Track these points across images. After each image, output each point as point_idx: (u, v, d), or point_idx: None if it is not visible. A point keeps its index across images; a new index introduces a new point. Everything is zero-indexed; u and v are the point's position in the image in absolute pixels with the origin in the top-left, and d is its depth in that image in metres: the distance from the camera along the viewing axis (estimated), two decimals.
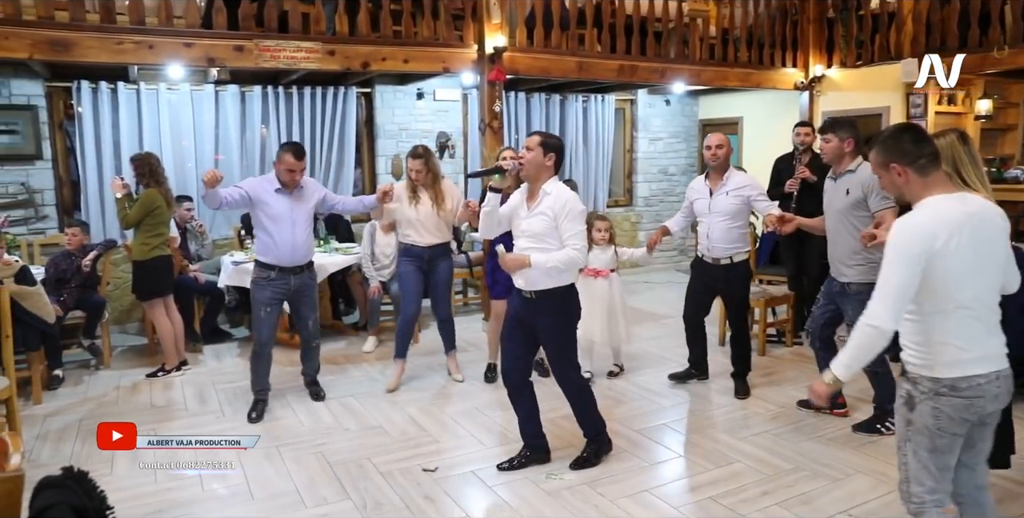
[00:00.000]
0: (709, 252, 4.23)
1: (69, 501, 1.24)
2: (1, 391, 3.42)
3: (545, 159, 3.11)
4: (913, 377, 2.09)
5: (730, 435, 3.75)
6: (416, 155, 4.39)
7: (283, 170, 3.88)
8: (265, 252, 3.96)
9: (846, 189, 3.54)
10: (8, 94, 5.62)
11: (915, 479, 2.08)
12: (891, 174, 2.07)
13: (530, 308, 3.18)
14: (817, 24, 7.24)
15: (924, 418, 2.04)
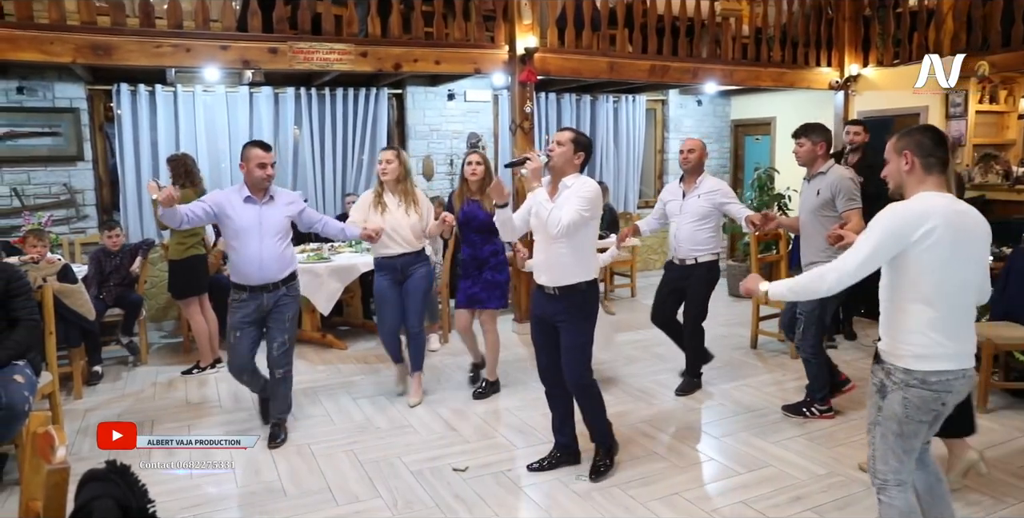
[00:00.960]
0: (676, 252, 4.35)
1: (113, 494, 1.28)
2: (44, 386, 3.51)
3: (575, 156, 3.11)
4: (887, 367, 2.20)
5: (762, 439, 3.71)
6: (388, 147, 4.20)
7: (254, 168, 3.49)
8: (234, 271, 3.59)
9: (817, 190, 3.74)
10: (52, 97, 5.77)
11: (881, 459, 2.23)
12: (900, 161, 2.21)
13: (553, 304, 3.17)
14: (853, 22, 7.11)
15: (893, 406, 2.17)
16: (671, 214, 4.37)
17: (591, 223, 3.11)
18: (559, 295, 3.15)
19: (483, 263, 4.24)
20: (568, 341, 3.20)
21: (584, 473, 3.28)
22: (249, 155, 3.51)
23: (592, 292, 3.21)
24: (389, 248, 4.06)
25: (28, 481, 1.55)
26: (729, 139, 8.88)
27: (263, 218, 3.53)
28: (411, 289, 4.14)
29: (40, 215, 5.59)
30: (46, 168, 5.81)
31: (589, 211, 3.02)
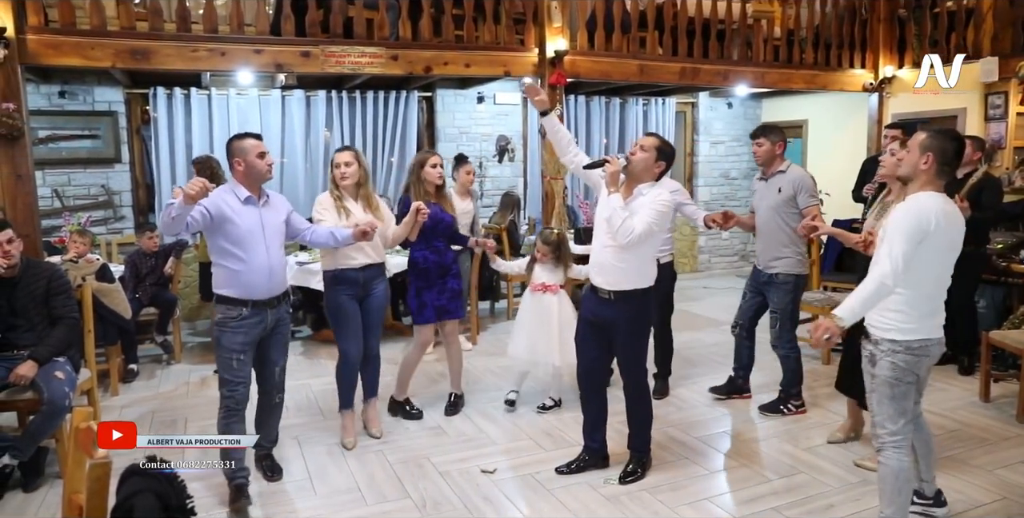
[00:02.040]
0: None
1: (153, 488, 1.31)
2: (83, 383, 3.59)
3: (655, 164, 3.08)
4: (875, 339, 2.56)
5: (794, 445, 3.66)
6: (342, 148, 3.74)
7: (254, 159, 2.98)
8: (231, 283, 2.97)
9: (778, 188, 3.91)
10: (92, 101, 5.91)
11: (879, 424, 2.58)
12: (921, 158, 2.48)
13: (607, 309, 3.14)
14: (888, 23, 7.00)
15: (884, 371, 2.53)
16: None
17: (658, 236, 3.10)
18: (614, 300, 3.12)
19: (446, 271, 3.95)
20: (622, 349, 3.20)
21: (613, 477, 3.26)
22: (244, 147, 2.99)
23: (648, 300, 3.18)
24: (354, 259, 3.56)
25: (71, 475, 1.59)
26: None
27: (265, 221, 3.04)
28: (374, 307, 3.68)
29: (79, 216, 5.72)
30: (85, 170, 5.95)
31: (659, 225, 3.02)
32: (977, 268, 4.86)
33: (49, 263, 3.75)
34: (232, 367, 3.00)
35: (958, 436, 3.75)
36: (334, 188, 3.63)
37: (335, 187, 3.63)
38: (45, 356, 3.25)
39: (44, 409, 3.14)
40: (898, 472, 2.55)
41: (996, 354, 4.39)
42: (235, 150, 3.01)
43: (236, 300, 2.97)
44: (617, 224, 2.94)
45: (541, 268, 4.16)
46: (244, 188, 3.00)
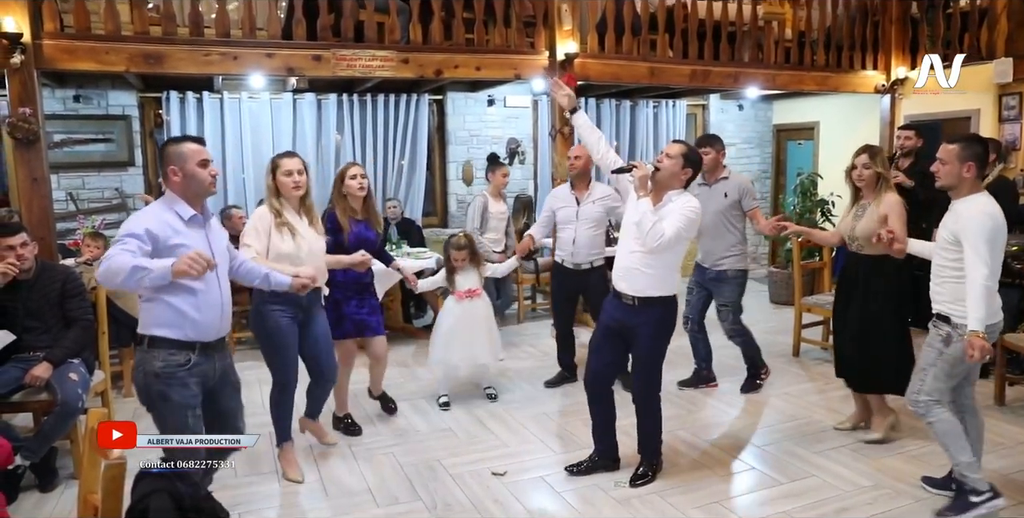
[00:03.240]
0: (572, 258, 4.43)
1: (168, 488, 1.32)
2: (97, 384, 3.62)
3: (682, 171, 3.10)
4: (955, 323, 2.83)
5: (805, 448, 3.64)
6: (288, 154, 3.29)
7: (193, 170, 2.43)
8: (176, 322, 2.41)
9: (724, 193, 4.24)
10: (106, 105, 5.98)
11: (927, 392, 2.91)
12: (963, 167, 2.78)
13: (630, 315, 3.14)
14: (900, 24, 6.96)
15: (955, 351, 2.83)
16: (565, 221, 4.42)
17: (684, 243, 3.13)
18: (638, 306, 3.12)
19: (365, 288, 3.77)
20: (640, 355, 3.20)
21: (623, 480, 3.26)
22: (182, 152, 2.43)
23: (671, 308, 3.19)
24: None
25: (86, 475, 1.61)
26: (771, 144, 8.77)
27: (213, 246, 2.50)
28: (322, 331, 3.35)
29: (93, 219, 5.78)
30: (99, 173, 6.01)
31: (688, 231, 3.04)
32: None
33: (64, 266, 3.79)
34: (188, 426, 2.44)
35: None
36: (274, 199, 3.18)
37: (275, 198, 3.19)
38: (60, 358, 3.29)
39: (58, 410, 3.17)
40: (951, 424, 2.88)
41: (1011, 357, 4.35)
42: (171, 156, 2.43)
43: (182, 343, 2.42)
44: (647, 228, 2.95)
45: (460, 275, 4.23)
46: (184, 203, 2.44)
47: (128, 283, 2.13)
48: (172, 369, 2.42)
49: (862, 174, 3.54)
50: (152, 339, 2.42)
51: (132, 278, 2.12)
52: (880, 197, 3.50)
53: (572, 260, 4.42)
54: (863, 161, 3.55)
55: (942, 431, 2.89)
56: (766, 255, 8.76)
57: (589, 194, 4.39)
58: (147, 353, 2.42)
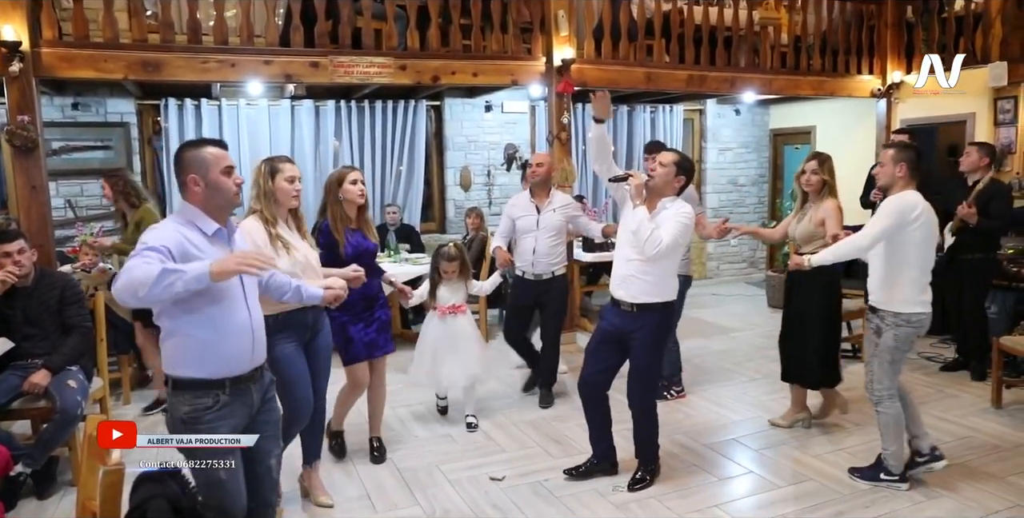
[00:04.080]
0: (532, 268, 4.28)
1: (166, 494, 1.33)
2: (95, 391, 3.62)
3: (675, 179, 3.14)
4: (882, 314, 3.16)
5: (802, 452, 3.65)
6: (288, 159, 2.94)
7: (217, 180, 2.12)
8: (199, 359, 2.09)
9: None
10: (104, 112, 5.99)
11: (877, 381, 3.18)
12: (896, 168, 3.13)
13: (628, 322, 3.16)
14: (895, 28, 6.99)
15: (887, 341, 3.13)
16: (525, 230, 4.29)
17: (680, 250, 3.16)
18: (636, 313, 3.15)
19: (373, 301, 3.44)
20: (638, 361, 3.21)
21: (622, 485, 3.26)
22: (204, 159, 2.11)
23: (668, 314, 3.22)
24: None
25: (84, 482, 1.62)
26: (768, 148, 8.79)
27: None
28: (323, 346, 3.03)
29: (92, 226, 5.77)
30: (98, 180, 6.01)
31: (684, 237, 3.09)
32: (988, 274, 4.84)
33: (62, 273, 3.80)
34: (221, 480, 2.07)
35: (970, 443, 3.73)
36: (273, 206, 2.80)
37: (267, 208, 2.78)
38: (58, 365, 3.29)
39: (57, 417, 3.18)
40: (896, 417, 3.18)
41: (1008, 360, 4.37)
42: (190, 163, 2.11)
43: (209, 382, 2.09)
44: (645, 236, 2.99)
45: (446, 288, 3.94)
46: (208, 218, 2.12)
47: (155, 292, 1.79)
48: (199, 413, 2.07)
49: (810, 179, 3.74)
50: (176, 381, 2.10)
51: (160, 284, 1.78)
52: (821, 202, 3.70)
53: (533, 271, 4.29)
54: (812, 167, 3.75)
55: (885, 422, 3.19)
56: (764, 259, 8.79)
57: (549, 202, 4.30)
58: (173, 397, 2.11)
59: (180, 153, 2.15)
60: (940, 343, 5.56)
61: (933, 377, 4.86)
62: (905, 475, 3.23)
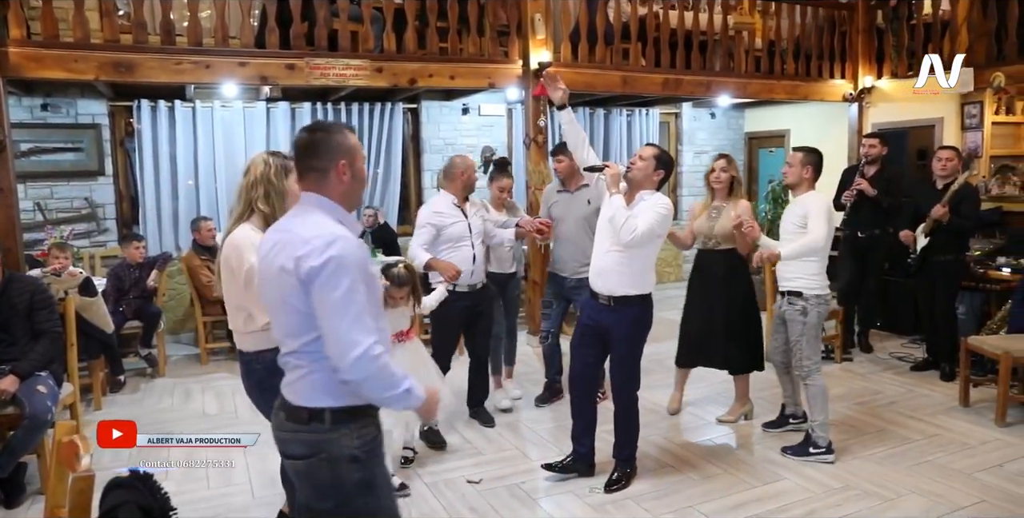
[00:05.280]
0: (470, 278, 3.86)
1: (137, 500, 1.31)
2: (66, 397, 3.56)
3: (654, 173, 3.20)
4: (807, 297, 3.53)
5: (777, 452, 3.69)
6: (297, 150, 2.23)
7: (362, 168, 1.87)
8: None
9: (587, 200, 4.14)
10: (75, 114, 5.90)
11: (807, 356, 3.54)
12: (803, 170, 3.60)
13: (606, 315, 3.20)
14: (866, 34, 7.12)
15: (812, 319, 3.53)
16: (458, 237, 3.85)
17: (657, 241, 3.19)
18: (613, 306, 3.18)
19: None
20: (618, 355, 3.25)
21: (598, 486, 3.28)
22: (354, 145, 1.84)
23: (646, 307, 3.24)
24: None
25: (53, 489, 1.59)
26: (743, 151, 8.89)
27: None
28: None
29: (62, 229, 5.69)
30: (68, 183, 5.92)
31: (661, 227, 3.12)
32: (958, 276, 4.93)
33: (32, 277, 3.73)
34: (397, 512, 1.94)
35: (938, 441, 3.80)
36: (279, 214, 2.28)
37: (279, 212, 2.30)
38: (27, 371, 3.24)
39: (26, 423, 3.12)
40: (823, 388, 3.55)
41: (975, 359, 4.45)
42: (340, 147, 1.80)
43: (369, 410, 1.84)
44: (620, 223, 3.04)
45: (393, 314, 3.20)
46: (352, 217, 1.87)
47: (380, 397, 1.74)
48: (370, 445, 1.80)
49: (720, 177, 3.93)
50: (336, 412, 1.75)
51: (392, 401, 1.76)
52: (735, 201, 3.92)
53: (469, 281, 3.85)
54: (722, 165, 3.96)
55: (814, 394, 3.53)
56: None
57: (475, 207, 4.05)
58: (332, 433, 1.74)
59: (328, 135, 1.79)
60: (911, 343, 5.66)
61: (904, 377, 4.94)
62: (831, 447, 3.54)
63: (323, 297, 1.64)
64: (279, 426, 1.82)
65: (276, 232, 1.82)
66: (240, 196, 2.40)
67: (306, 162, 1.79)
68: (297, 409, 1.75)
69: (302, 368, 1.76)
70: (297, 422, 1.75)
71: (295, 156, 1.84)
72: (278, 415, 1.83)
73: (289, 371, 1.80)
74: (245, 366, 2.43)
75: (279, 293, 1.73)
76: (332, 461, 1.74)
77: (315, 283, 1.64)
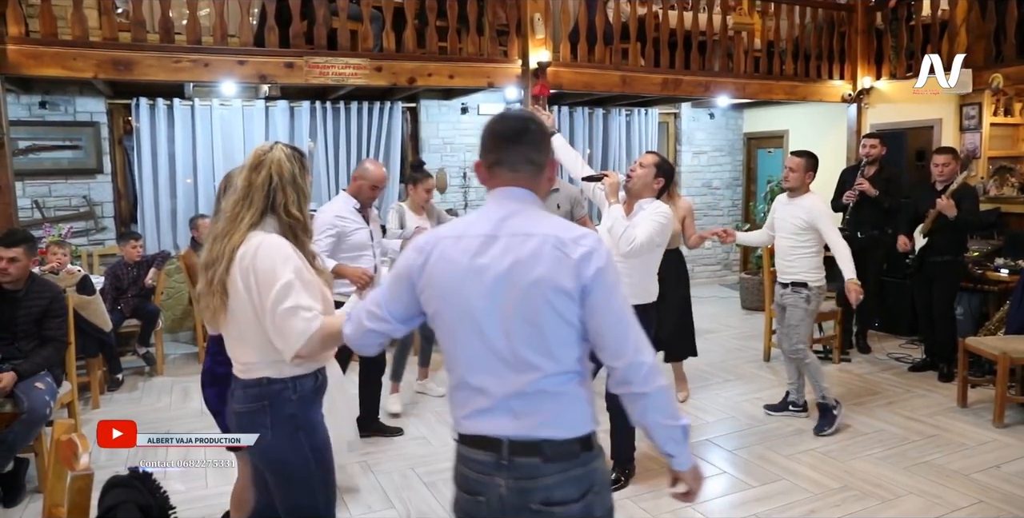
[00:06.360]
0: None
1: (135, 499, 1.31)
2: (64, 395, 3.56)
3: (654, 180, 3.20)
4: (811, 287, 3.87)
5: (776, 452, 3.69)
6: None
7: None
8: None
9: (556, 204, 4.27)
10: (73, 111, 5.88)
11: (801, 341, 3.92)
12: (806, 176, 3.90)
13: None
14: (865, 35, 7.12)
15: (814, 306, 3.90)
16: (360, 246, 3.60)
17: (658, 250, 3.19)
18: None
19: None
20: None
21: None
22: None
23: (650, 315, 3.23)
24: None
25: (52, 488, 1.59)
26: (742, 152, 8.89)
27: None
28: None
29: (60, 227, 5.67)
30: (66, 181, 5.91)
31: (661, 236, 3.10)
32: (956, 277, 4.94)
33: (53, 283, 3.69)
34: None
35: (936, 442, 3.81)
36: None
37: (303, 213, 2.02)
38: (28, 372, 3.25)
39: (24, 417, 3.12)
40: (818, 363, 3.99)
41: (973, 360, 4.46)
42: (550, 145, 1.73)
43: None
44: (619, 233, 3.02)
45: None
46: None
47: None
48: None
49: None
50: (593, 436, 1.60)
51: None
52: (676, 202, 4.24)
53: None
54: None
55: (813, 369, 3.93)
56: (738, 262, 8.88)
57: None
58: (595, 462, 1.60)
59: (541, 128, 1.65)
60: (909, 344, 5.66)
61: (902, 377, 4.95)
62: (839, 402, 4.03)
63: (609, 302, 1.47)
64: (530, 473, 1.48)
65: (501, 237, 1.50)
66: (248, 195, 1.92)
67: (524, 153, 1.56)
68: (567, 443, 1.49)
69: (565, 395, 1.50)
70: (566, 459, 1.49)
71: (503, 143, 1.56)
72: (521, 462, 1.48)
73: (542, 401, 1.49)
74: (273, 398, 1.90)
75: (532, 306, 1.46)
76: (603, 494, 1.56)
77: (600, 286, 1.45)
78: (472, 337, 1.49)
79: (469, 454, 1.54)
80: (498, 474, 1.48)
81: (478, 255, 1.48)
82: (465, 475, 1.55)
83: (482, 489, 1.51)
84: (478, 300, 1.47)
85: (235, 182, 1.95)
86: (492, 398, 1.49)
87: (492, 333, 1.47)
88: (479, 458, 1.51)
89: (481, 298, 1.47)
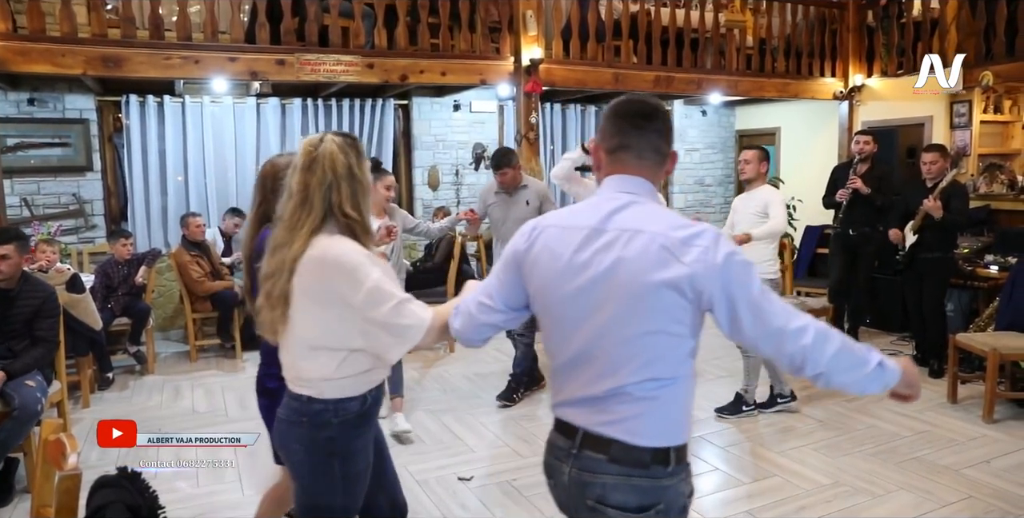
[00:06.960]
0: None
1: (124, 500, 1.30)
2: (53, 394, 3.53)
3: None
4: (770, 280, 3.92)
5: (767, 449, 3.71)
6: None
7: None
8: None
9: (526, 200, 4.35)
10: (62, 108, 5.84)
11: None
12: (760, 165, 4.12)
13: None
14: (857, 33, 7.14)
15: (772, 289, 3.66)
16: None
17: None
18: None
19: None
20: None
21: None
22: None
23: None
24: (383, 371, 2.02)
25: (40, 488, 1.58)
26: (734, 149, 8.90)
27: None
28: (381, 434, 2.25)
29: (49, 225, 5.64)
30: (56, 178, 5.87)
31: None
32: (947, 273, 4.96)
33: (46, 284, 3.66)
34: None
35: (926, 438, 3.83)
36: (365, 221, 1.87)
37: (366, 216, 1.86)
38: (19, 371, 3.22)
39: (16, 414, 3.10)
40: (759, 360, 4.07)
41: (963, 356, 4.48)
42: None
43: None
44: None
45: None
46: None
47: None
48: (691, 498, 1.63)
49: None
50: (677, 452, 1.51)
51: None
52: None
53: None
54: None
55: (754, 364, 4.07)
56: None
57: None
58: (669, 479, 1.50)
59: (667, 117, 1.54)
60: (899, 340, 5.69)
61: None
62: (794, 395, 4.21)
63: (748, 295, 1.39)
64: (592, 467, 1.46)
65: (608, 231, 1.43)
66: (307, 200, 1.74)
67: (652, 140, 1.47)
68: (636, 450, 1.43)
69: (651, 401, 1.44)
70: (632, 465, 1.43)
71: (629, 128, 1.47)
72: (587, 455, 1.47)
73: (627, 404, 1.44)
74: (312, 417, 1.78)
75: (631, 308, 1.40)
76: (667, 514, 1.47)
77: (733, 282, 1.38)
78: (566, 332, 1.46)
79: (554, 439, 1.56)
80: (567, 461, 1.50)
81: (580, 250, 1.43)
82: (547, 460, 1.59)
83: (554, 474, 1.55)
84: (574, 298, 1.43)
85: (289, 185, 1.76)
86: (577, 391, 1.48)
87: (585, 332, 1.44)
88: (559, 443, 1.53)
89: (576, 296, 1.43)
